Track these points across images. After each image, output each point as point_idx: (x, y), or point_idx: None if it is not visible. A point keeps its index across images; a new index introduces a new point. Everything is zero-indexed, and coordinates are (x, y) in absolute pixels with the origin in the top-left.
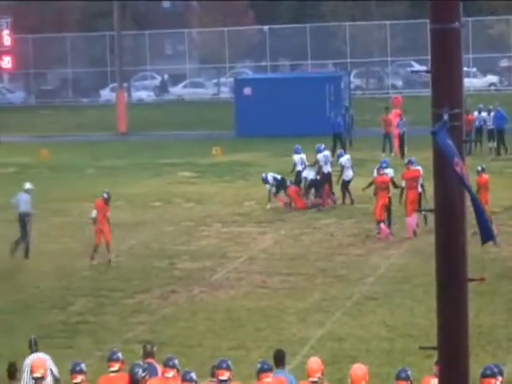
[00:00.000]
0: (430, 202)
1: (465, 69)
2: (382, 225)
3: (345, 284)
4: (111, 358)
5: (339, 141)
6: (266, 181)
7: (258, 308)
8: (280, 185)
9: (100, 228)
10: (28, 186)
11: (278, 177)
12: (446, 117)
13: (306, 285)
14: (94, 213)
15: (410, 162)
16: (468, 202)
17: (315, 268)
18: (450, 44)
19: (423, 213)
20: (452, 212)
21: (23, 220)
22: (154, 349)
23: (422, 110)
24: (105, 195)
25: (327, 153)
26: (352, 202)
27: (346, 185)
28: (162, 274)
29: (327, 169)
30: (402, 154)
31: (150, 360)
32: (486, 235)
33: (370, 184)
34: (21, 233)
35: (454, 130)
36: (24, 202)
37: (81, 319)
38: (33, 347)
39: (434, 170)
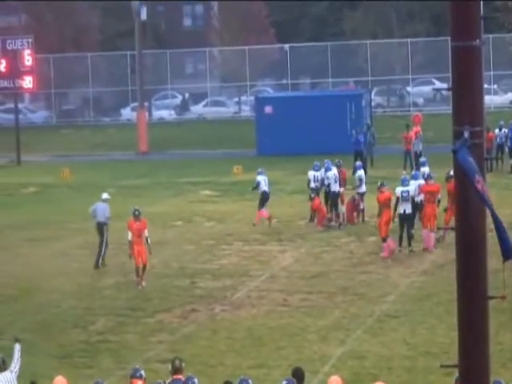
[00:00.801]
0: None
1: (485, 86)
2: (389, 241)
3: (365, 302)
4: (134, 375)
5: (360, 159)
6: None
7: (279, 326)
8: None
9: (137, 249)
10: (105, 195)
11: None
12: (466, 134)
13: (327, 303)
14: (129, 235)
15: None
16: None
17: (336, 286)
18: (470, 61)
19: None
20: (472, 230)
21: (101, 229)
22: (183, 365)
23: (442, 128)
24: (134, 211)
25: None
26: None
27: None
28: (183, 292)
29: (336, 187)
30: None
31: (178, 376)
32: (508, 252)
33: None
34: (99, 242)
35: (475, 148)
36: (101, 211)
37: (102, 338)
38: (1, 366)
39: (455, 188)
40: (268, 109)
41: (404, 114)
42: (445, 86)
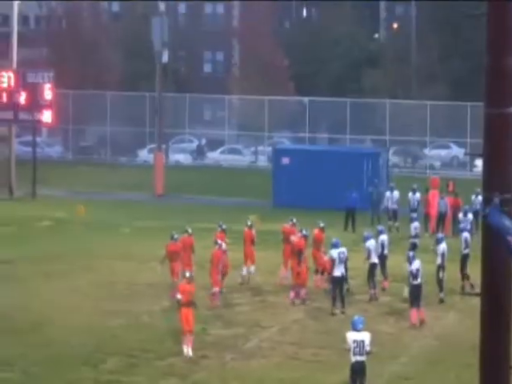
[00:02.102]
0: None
1: None
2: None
3: (376, 362)
4: None
5: (352, 216)
6: None
7: (290, 379)
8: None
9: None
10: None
11: None
12: (497, 200)
13: (338, 359)
14: (178, 296)
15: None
16: None
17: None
18: (504, 129)
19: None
20: (498, 296)
21: None
22: None
23: (460, 193)
24: (188, 275)
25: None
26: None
27: (373, 270)
28: (195, 338)
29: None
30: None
31: None
32: None
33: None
34: None
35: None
36: None
37: (112, 378)
38: None
39: (482, 254)
40: (285, 160)
41: (420, 175)
42: (462, 151)
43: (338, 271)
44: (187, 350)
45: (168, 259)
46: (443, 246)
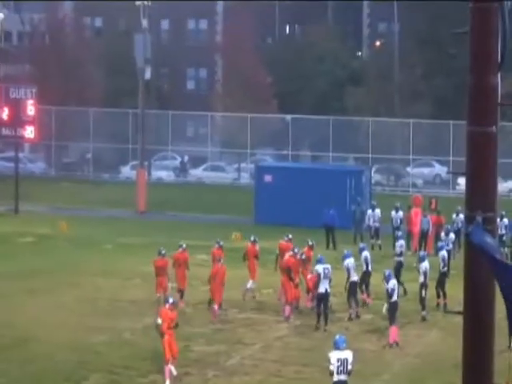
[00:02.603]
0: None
1: None
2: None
3: (359, 379)
4: None
5: (331, 233)
6: None
7: None
8: None
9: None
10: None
11: None
12: (479, 219)
13: (321, 377)
14: (159, 320)
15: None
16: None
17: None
18: (486, 147)
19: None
20: (481, 315)
21: None
22: None
23: (441, 210)
24: (171, 301)
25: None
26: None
27: (353, 288)
28: (178, 355)
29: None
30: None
31: None
32: None
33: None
34: None
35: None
36: None
37: None
38: None
39: (464, 272)
40: (268, 178)
41: (403, 194)
42: (445, 169)
43: (323, 287)
44: (169, 382)
45: (155, 274)
46: (425, 265)
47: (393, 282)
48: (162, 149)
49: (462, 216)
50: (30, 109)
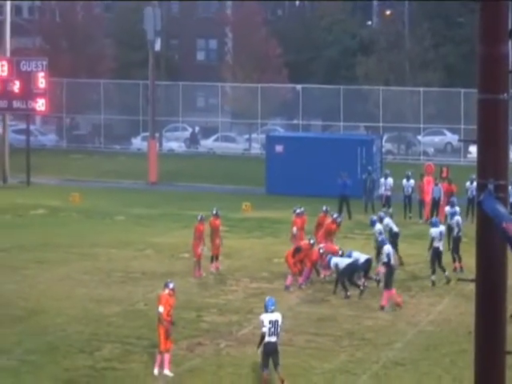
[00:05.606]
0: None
1: None
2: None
3: (372, 348)
4: None
5: (346, 203)
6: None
7: (284, 366)
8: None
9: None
10: None
11: None
12: (491, 187)
13: (333, 346)
14: (160, 308)
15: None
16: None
17: (342, 330)
18: (497, 115)
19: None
20: (493, 282)
21: None
22: None
23: (453, 179)
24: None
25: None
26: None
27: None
28: (189, 325)
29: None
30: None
31: None
32: None
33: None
34: None
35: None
36: None
37: (107, 365)
38: None
39: (477, 240)
40: (279, 148)
41: (414, 162)
42: (456, 137)
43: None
44: (158, 371)
45: (196, 238)
46: (437, 230)
47: (388, 247)
48: (173, 120)
49: (475, 184)
50: (41, 81)
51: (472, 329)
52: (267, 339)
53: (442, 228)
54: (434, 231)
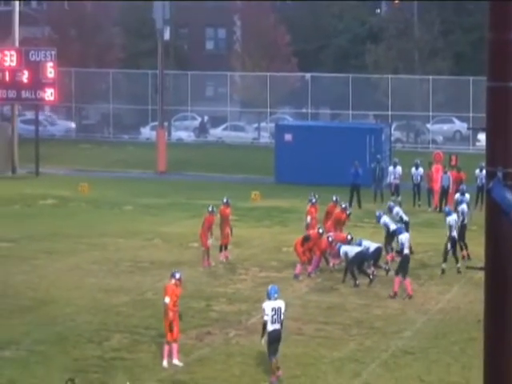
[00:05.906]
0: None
1: None
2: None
3: (381, 336)
4: None
5: (356, 192)
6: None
7: (294, 355)
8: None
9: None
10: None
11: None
12: (500, 175)
13: (342, 335)
14: (166, 299)
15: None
16: None
17: (351, 318)
18: (507, 103)
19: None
20: (502, 270)
21: None
22: None
23: (461, 167)
24: (176, 276)
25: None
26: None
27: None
28: (198, 315)
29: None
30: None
31: None
32: None
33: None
34: None
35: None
36: None
37: (116, 355)
38: None
39: (486, 227)
40: (288, 137)
41: (423, 150)
42: (465, 125)
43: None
44: (166, 362)
45: (206, 229)
46: (452, 218)
47: (405, 236)
48: (182, 109)
49: (484, 172)
50: (50, 71)
51: (481, 317)
52: (271, 327)
53: (455, 216)
54: (451, 219)
